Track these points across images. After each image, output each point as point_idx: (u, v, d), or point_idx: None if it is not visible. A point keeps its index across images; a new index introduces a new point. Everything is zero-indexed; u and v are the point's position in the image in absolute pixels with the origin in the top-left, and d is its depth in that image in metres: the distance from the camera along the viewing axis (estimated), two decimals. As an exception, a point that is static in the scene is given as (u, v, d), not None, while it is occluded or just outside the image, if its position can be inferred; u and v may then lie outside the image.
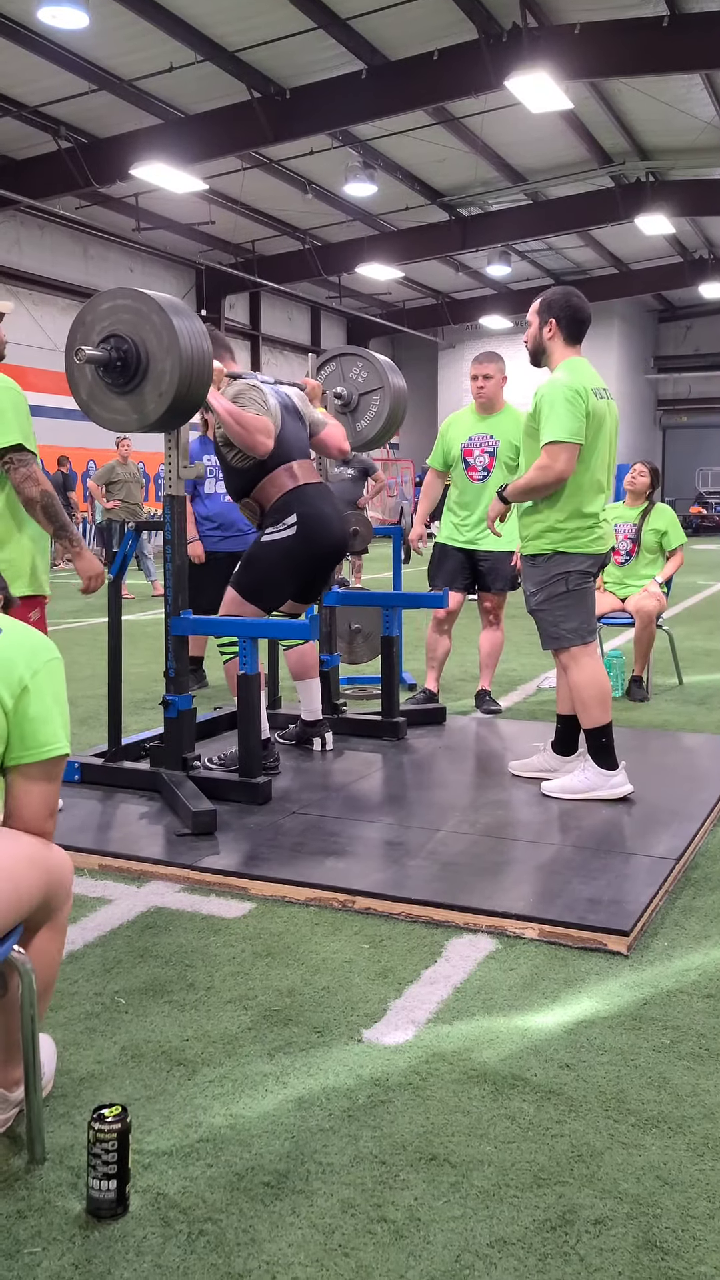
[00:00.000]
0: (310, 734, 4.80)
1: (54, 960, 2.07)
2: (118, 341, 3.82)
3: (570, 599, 3.97)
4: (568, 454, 3.79)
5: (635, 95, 14.98)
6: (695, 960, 2.82)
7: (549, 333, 3.95)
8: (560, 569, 3.95)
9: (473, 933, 2.96)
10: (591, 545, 3.96)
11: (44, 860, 1.97)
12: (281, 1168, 1.95)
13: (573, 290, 4.01)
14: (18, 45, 12.46)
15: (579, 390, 3.80)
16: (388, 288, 25.25)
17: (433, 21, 12.53)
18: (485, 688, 5.87)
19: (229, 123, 14.36)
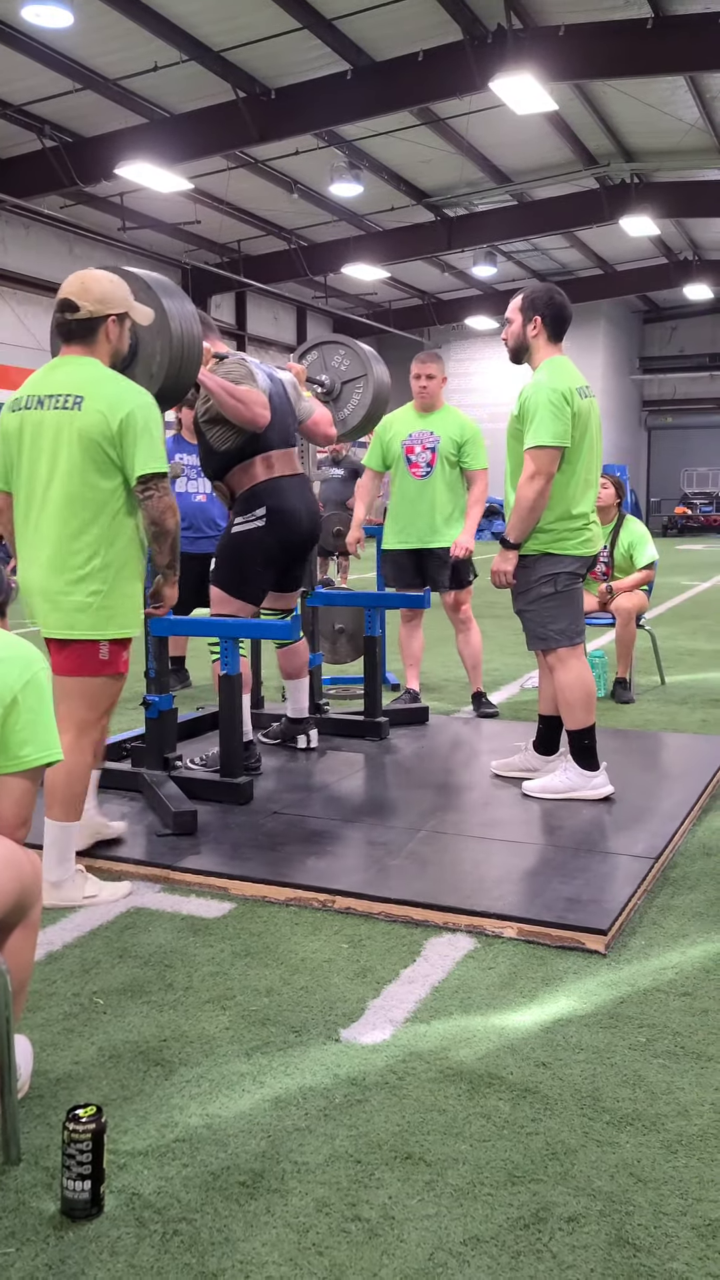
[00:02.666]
0: (294, 732, 4.81)
1: (27, 960, 2.07)
2: None
3: (558, 600, 3.97)
4: (549, 456, 3.79)
5: (620, 97, 15.01)
6: (672, 959, 2.83)
7: (533, 330, 3.93)
8: (548, 570, 3.96)
9: (452, 932, 2.97)
10: (580, 547, 3.97)
11: (16, 862, 1.96)
12: (257, 1167, 1.95)
13: (555, 288, 4.00)
14: (1, 44, 12.41)
15: (564, 393, 3.80)
16: (374, 288, 25.24)
17: (418, 22, 12.53)
18: (479, 689, 5.82)
19: (214, 122, 14.33)
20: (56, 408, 3.04)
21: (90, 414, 3.00)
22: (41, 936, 2.83)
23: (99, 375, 3.09)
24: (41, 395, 3.07)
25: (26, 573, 3.14)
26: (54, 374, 3.11)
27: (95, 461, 3.01)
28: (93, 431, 3.00)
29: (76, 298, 3.07)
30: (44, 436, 3.06)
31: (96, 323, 3.10)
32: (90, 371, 3.09)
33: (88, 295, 3.07)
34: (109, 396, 3.03)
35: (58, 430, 3.03)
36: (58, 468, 3.04)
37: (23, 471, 3.12)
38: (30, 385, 3.15)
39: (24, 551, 3.14)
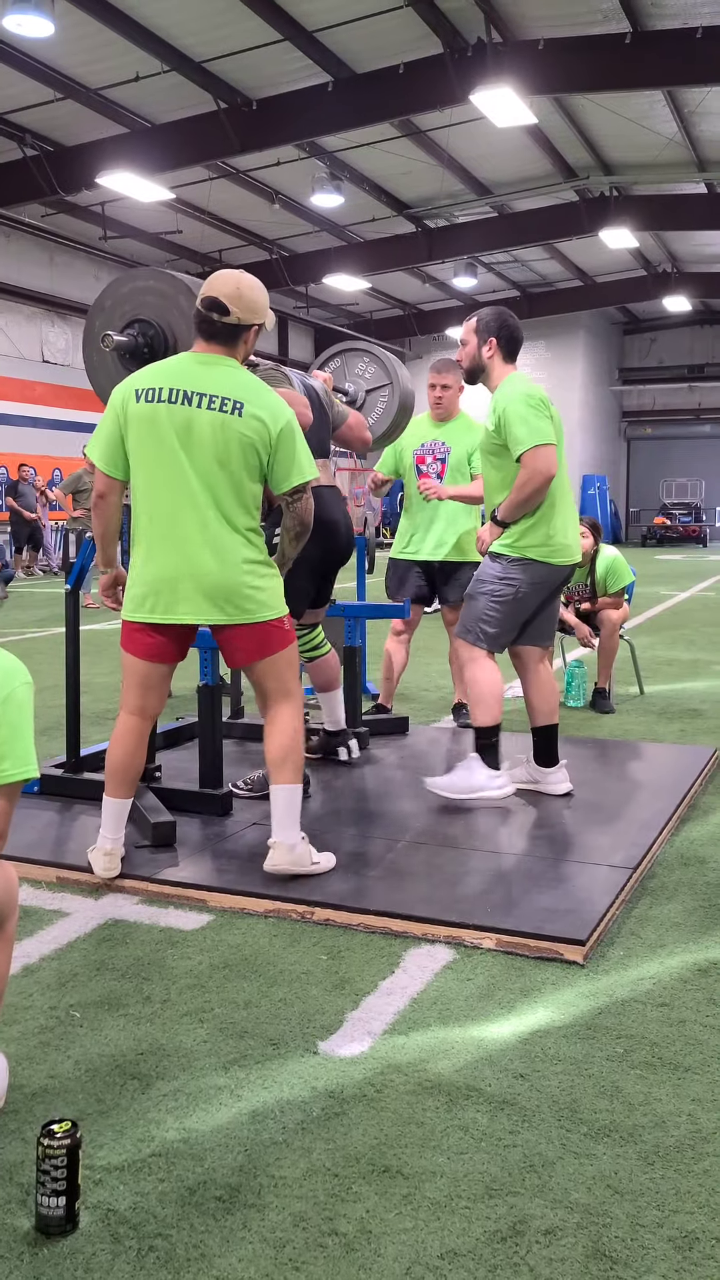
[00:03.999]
0: (335, 744, 4.75)
1: (3, 972, 2.06)
2: (143, 326, 3.69)
3: (508, 606, 4.01)
4: (545, 454, 3.84)
5: (598, 111, 15.13)
6: (650, 969, 2.84)
7: (489, 352, 4.02)
8: (517, 574, 3.99)
9: (430, 943, 2.97)
10: (550, 556, 4.00)
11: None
12: (234, 1181, 1.94)
13: (506, 310, 4.11)
14: (-18, 53, 12.42)
15: (541, 398, 3.89)
16: (355, 298, 25.32)
17: (399, 35, 12.60)
18: (461, 700, 5.81)
19: (196, 133, 14.37)
20: (213, 409, 3.06)
21: (250, 420, 3.08)
22: (18, 949, 2.82)
23: (253, 382, 3.15)
24: (189, 390, 3.07)
25: (181, 566, 3.13)
26: (200, 370, 3.11)
27: (249, 466, 3.11)
28: (254, 438, 3.08)
29: (230, 302, 3.08)
30: (199, 434, 3.07)
31: (243, 329, 3.14)
32: (243, 377, 3.15)
33: (240, 302, 3.10)
34: (268, 406, 3.12)
35: (216, 431, 3.06)
36: (218, 467, 3.09)
37: (161, 463, 3.10)
38: (166, 377, 3.11)
39: (170, 545, 3.13)
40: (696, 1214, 1.87)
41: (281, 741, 3.32)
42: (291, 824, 3.32)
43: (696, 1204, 1.90)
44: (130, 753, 3.34)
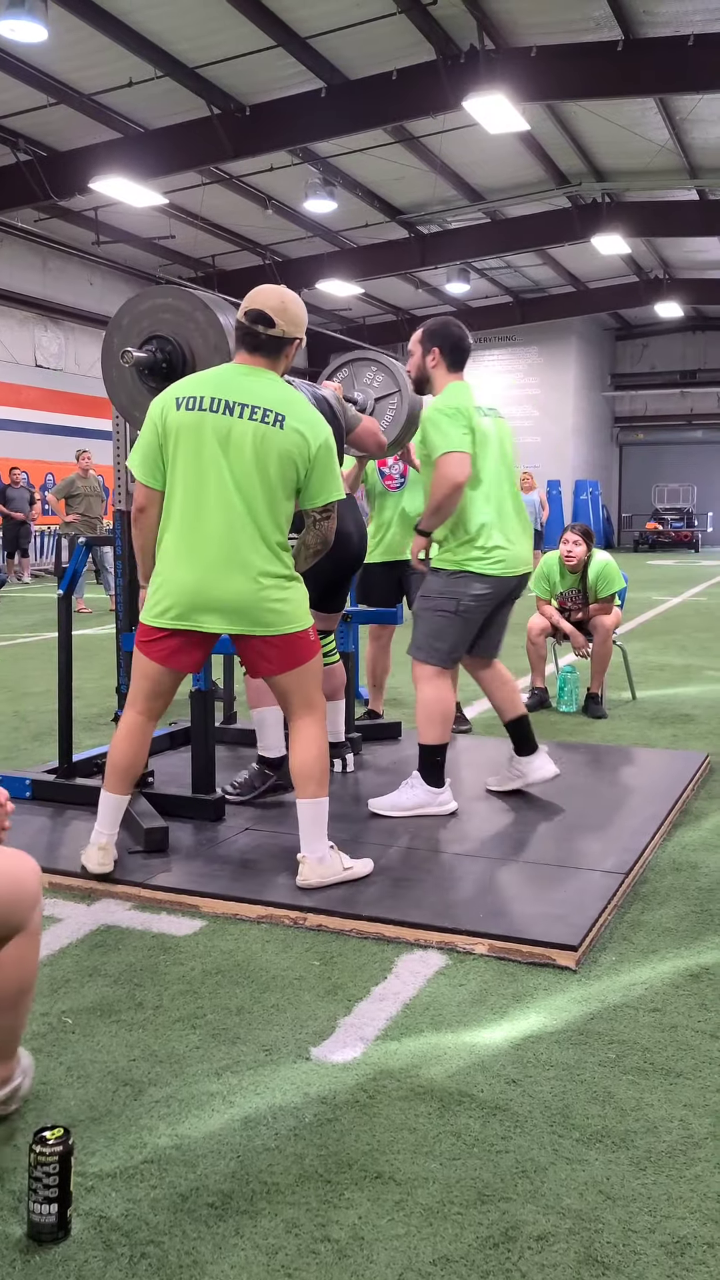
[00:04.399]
0: (332, 755, 4.75)
1: (30, 969, 2.06)
2: (161, 343, 3.71)
3: (453, 621, 4.01)
4: (454, 463, 3.85)
5: (591, 118, 15.19)
6: (642, 974, 2.84)
7: (432, 361, 4.04)
8: (457, 588, 4.00)
9: (423, 949, 2.97)
10: (491, 567, 3.99)
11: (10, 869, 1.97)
12: (226, 1188, 1.94)
13: (452, 320, 4.13)
14: (-24, 58, 12.43)
15: (458, 408, 3.90)
16: (348, 304, 25.36)
17: (392, 42, 12.64)
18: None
19: (189, 138, 14.39)
20: (255, 419, 3.07)
21: (291, 434, 3.08)
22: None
23: (294, 396, 3.16)
24: (231, 401, 3.08)
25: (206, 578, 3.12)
26: (242, 381, 3.11)
27: (285, 480, 3.12)
28: (294, 452, 3.09)
29: (276, 315, 3.10)
30: (238, 443, 3.07)
31: (286, 343, 3.16)
32: (285, 390, 3.15)
33: (285, 315, 3.11)
34: (310, 421, 3.13)
35: (256, 442, 3.07)
36: (255, 479, 3.09)
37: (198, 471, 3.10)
38: (209, 386, 3.11)
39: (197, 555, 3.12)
40: (688, 1219, 1.88)
41: (305, 757, 3.34)
42: (318, 837, 3.34)
43: (688, 1209, 1.90)
44: (134, 750, 3.36)
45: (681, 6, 11.84)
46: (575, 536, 6.27)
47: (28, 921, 2.02)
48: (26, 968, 2.04)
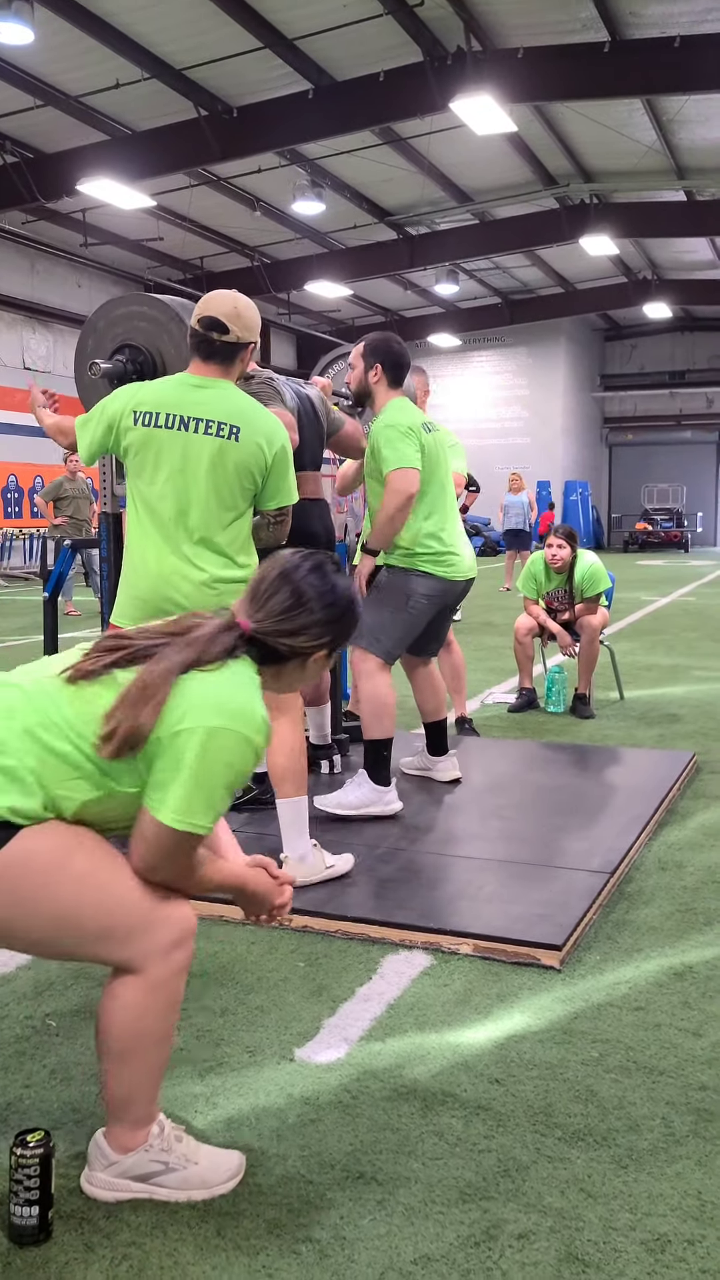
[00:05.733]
0: (318, 757, 4.76)
1: (133, 1013, 1.85)
2: (133, 352, 3.70)
3: (400, 617, 4.09)
4: (405, 477, 3.93)
5: (578, 119, 15.22)
6: (626, 974, 2.85)
7: (374, 377, 4.08)
8: (406, 585, 4.09)
9: (408, 949, 2.98)
10: (438, 569, 4.10)
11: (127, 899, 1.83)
12: (208, 1189, 1.94)
13: (393, 336, 4.20)
14: (-38, 60, 12.41)
15: (410, 426, 3.97)
16: (337, 305, 25.37)
17: (379, 43, 12.65)
18: (462, 714, 5.71)
19: (176, 140, 14.38)
20: (209, 434, 3.06)
21: (248, 445, 3.07)
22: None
23: (248, 405, 3.15)
24: (185, 416, 3.07)
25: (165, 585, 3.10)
26: (196, 394, 3.10)
27: (243, 489, 3.12)
28: (250, 463, 3.09)
29: (228, 320, 3.07)
30: (195, 459, 3.06)
31: (240, 348, 3.13)
32: (239, 400, 3.14)
33: (239, 320, 3.09)
34: (265, 430, 3.12)
35: (213, 455, 3.06)
36: (212, 491, 3.08)
37: (154, 484, 3.09)
38: (162, 401, 3.09)
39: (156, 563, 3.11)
40: (669, 1216, 1.88)
41: (279, 759, 3.37)
42: (298, 836, 3.36)
43: (669, 1206, 1.91)
44: None
45: (668, 8, 11.88)
46: (559, 540, 6.28)
47: (139, 964, 1.83)
48: (138, 1017, 1.85)
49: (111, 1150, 1.91)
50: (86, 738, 1.80)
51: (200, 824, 1.80)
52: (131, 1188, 1.90)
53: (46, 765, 1.78)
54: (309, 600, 1.94)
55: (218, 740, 1.79)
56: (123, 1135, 1.91)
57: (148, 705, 1.78)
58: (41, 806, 1.78)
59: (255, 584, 1.98)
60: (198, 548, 3.13)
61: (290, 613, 1.93)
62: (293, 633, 1.93)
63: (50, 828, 1.79)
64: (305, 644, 1.95)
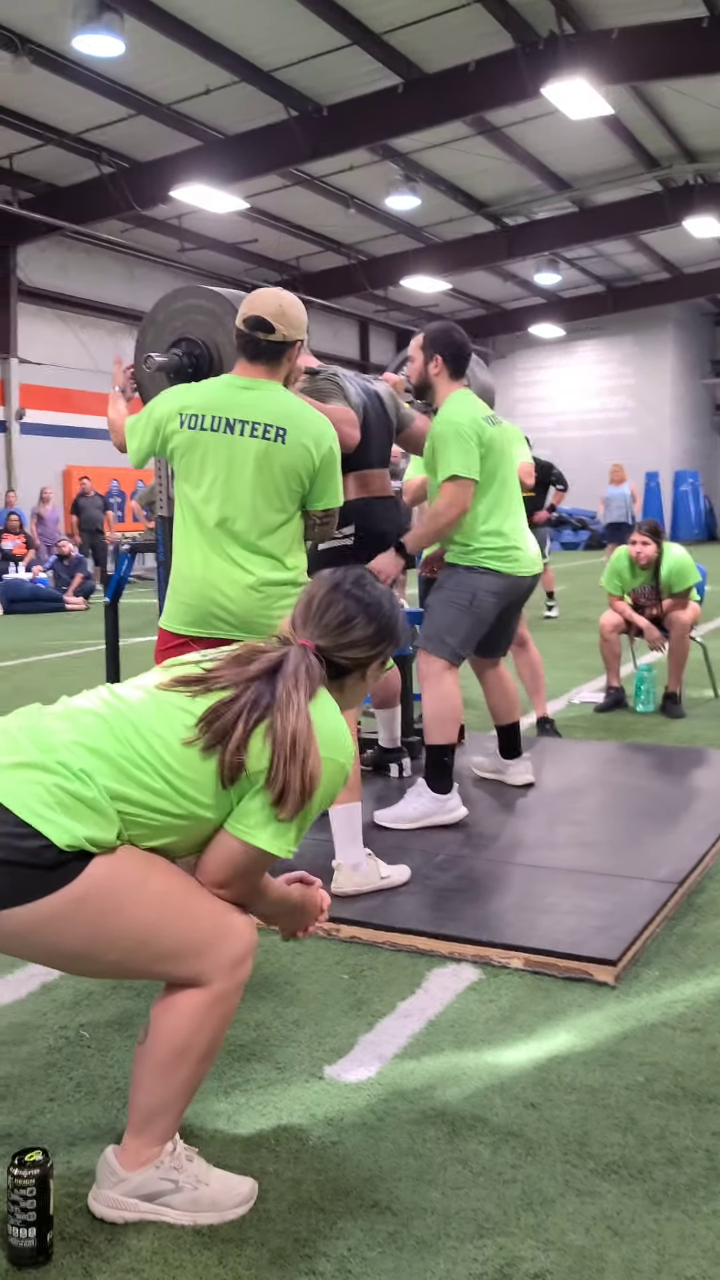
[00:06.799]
0: (387, 759, 4.71)
1: (191, 1024, 1.83)
2: (189, 345, 3.67)
3: (465, 615, 3.94)
4: (463, 490, 3.81)
5: (679, 97, 14.77)
6: (685, 991, 2.71)
7: (435, 369, 3.96)
8: (471, 583, 3.95)
9: (456, 962, 2.88)
10: (503, 564, 3.96)
11: (194, 910, 1.84)
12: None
13: (453, 325, 4.06)
14: (56, 74, 12.65)
15: (470, 423, 3.82)
16: (435, 299, 25.19)
17: (468, 32, 12.48)
18: (543, 714, 5.57)
19: (267, 142, 14.44)
20: (256, 435, 3.02)
21: (295, 448, 3.04)
22: (35, 967, 2.81)
23: (295, 406, 3.11)
24: (231, 419, 3.04)
25: (211, 588, 3.08)
26: (243, 396, 3.07)
27: (290, 492, 3.08)
28: (298, 465, 3.05)
29: (274, 320, 3.03)
30: (241, 461, 3.03)
31: (286, 347, 3.08)
32: (286, 401, 3.10)
33: (285, 319, 3.04)
34: (312, 432, 3.07)
35: (260, 458, 3.03)
36: (259, 494, 3.05)
37: (201, 487, 3.07)
38: (209, 404, 3.06)
39: (203, 565, 3.09)
40: (698, 1259, 1.76)
41: None
42: (352, 842, 3.28)
43: (700, 1248, 1.78)
44: None
45: (767, -23, 11.44)
46: (643, 536, 6.07)
47: (207, 977, 1.82)
48: (194, 1029, 1.83)
49: (121, 1167, 1.87)
50: (176, 769, 1.81)
51: (290, 848, 1.85)
52: (139, 1208, 1.86)
53: (130, 799, 1.79)
54: (360, 612, 2.01)
55: (323, 770, 1.85)
56: (138, 1150, 1.88)
57: (311, 754, 1.82)
58: (116, 836, 1.79)
59: (305, 604, 2.03)
60: (245, 551, 3.09)
61: (345, 625, 2.00)
62: (351, 645, 2.00)
63: (123, 852, 1.80)
64: (363, 655, 2.02)
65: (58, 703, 1.93)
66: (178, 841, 1.85)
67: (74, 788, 1.74)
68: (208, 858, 1.86)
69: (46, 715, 1.87)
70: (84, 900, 1.72)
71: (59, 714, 1.87)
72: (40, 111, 13.96)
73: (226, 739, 1.80)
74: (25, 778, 1.74)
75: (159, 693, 1.89)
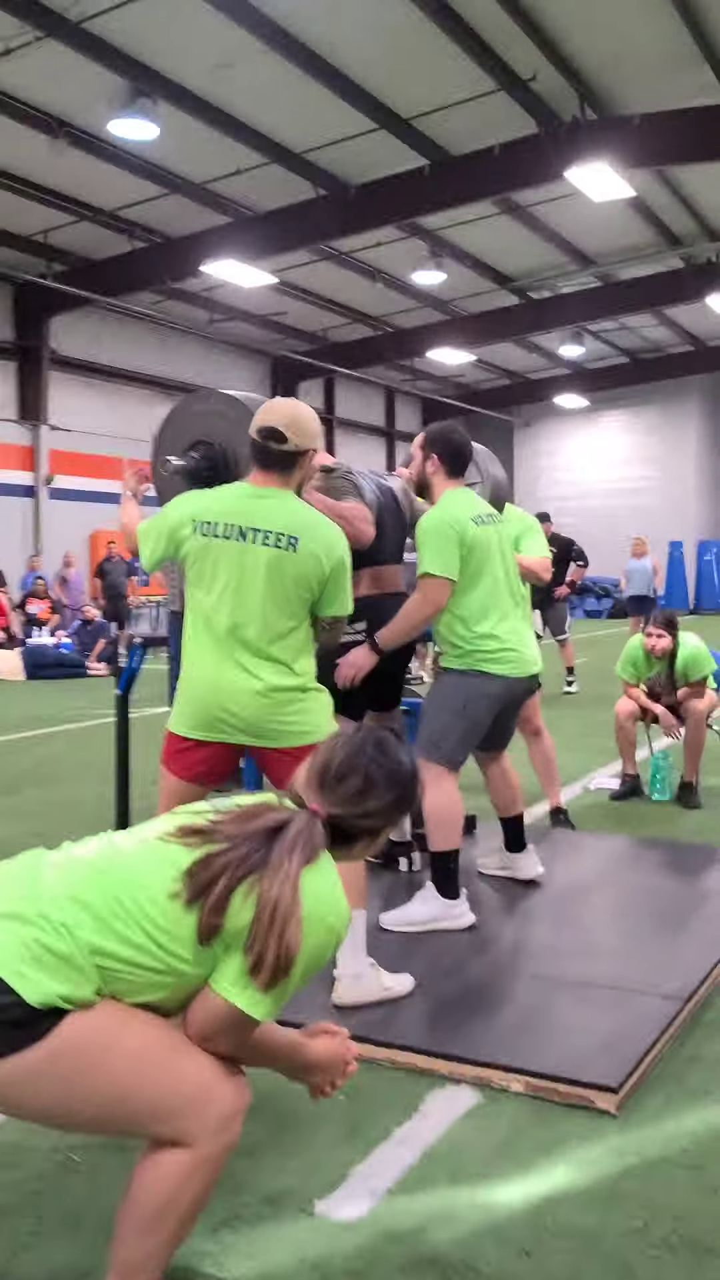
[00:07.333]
0: (396, 853, 4.67)
1: (181, 1190, 1.78)
2: (207, 449, 3.74)
3: (459, 719, 3.91)
4: (438, 589, 3.80)
5: (700, 179, 15.04)
6: (688, 1123, 2.64)
7: (432, 468, 3.98)
8: (465, 687, 3.92)
9: (455, 1084, 2.83)
10: (497, 666, 3.91)
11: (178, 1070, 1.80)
12: None
13: (453, 426, 4.12)
14: (93, 156, 13.03)
15: (451, 523, 3.81)
16: (461, 370, 25.51)
17: (493, 117, 12.77)
18: (557, 804, 5.52)
19: (297, 220, 14.78)
20: (268, 544, 3.07)
21: (306, 557, 3.08)
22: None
23: (307, 515, 3.16)
24: (244, 527, 3.09)
25: (219, 694, 3.10)
26: (255, 505, 3.12)
27: (300, 599, 3.12)
28: (309, 574, 3.09)
29: (287, 430, 3.09)
30: (253, 569, 3.07)
31: (299, 456, 3.14)
32: (298, 510, 3.15)
33: (297, 428, 3.11)
34: (323, 541, 3.12)
35: (271, 566, 3.07)
36: (270, 601, 3.08)
37: (212, 593, 3.11)
38: (223, 511, 3.11)
39: (212, 671, 3.12)
40: None
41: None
42: (354, 952, 3.23)
43: None
44: None
45: (787, 68, 11.66)
46: (659, 630, 6.03)
47: (189, 1139, 1.78)
48: (176, 1190, 1.79)
49: None
50: (159, 923, 1.79)
51: (269, 1014, 1.82)
52: None
53: (110, 953, 1.77)
54: (379, 783, 1.98)
55: (311, 935, 1.81)
56: None
57: (290, 925, 1.79)
58: (94, 992, 1.77)
59: (322, 767, 2.00)
60: (254, 658, 3.11)
61: (362, 796, 1.97)
62: (365, 815, 1.98)
63: (101, 1008, 1.78)
64: (378, 823, 2.01)
65: (60, 848, 1.93)
66: (164, 998, 1.82)
67: (51, 942, 1.73)
68: (192, 1011, 1.84)
69: (43, 862, 1.87)
70: (57, 1058, 1.71)
71: (55, 861, 1.87)
72: (76, 190, 14.35)
73: (208, 893, 1.79)
74: (3, 929, 1.74)
75: (157, 843, 1.88)
